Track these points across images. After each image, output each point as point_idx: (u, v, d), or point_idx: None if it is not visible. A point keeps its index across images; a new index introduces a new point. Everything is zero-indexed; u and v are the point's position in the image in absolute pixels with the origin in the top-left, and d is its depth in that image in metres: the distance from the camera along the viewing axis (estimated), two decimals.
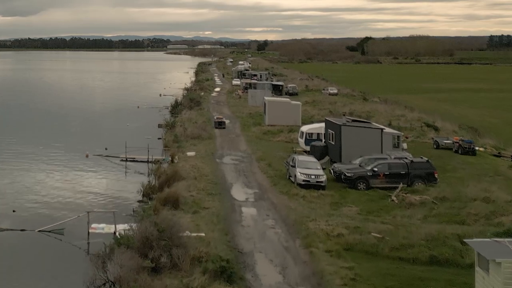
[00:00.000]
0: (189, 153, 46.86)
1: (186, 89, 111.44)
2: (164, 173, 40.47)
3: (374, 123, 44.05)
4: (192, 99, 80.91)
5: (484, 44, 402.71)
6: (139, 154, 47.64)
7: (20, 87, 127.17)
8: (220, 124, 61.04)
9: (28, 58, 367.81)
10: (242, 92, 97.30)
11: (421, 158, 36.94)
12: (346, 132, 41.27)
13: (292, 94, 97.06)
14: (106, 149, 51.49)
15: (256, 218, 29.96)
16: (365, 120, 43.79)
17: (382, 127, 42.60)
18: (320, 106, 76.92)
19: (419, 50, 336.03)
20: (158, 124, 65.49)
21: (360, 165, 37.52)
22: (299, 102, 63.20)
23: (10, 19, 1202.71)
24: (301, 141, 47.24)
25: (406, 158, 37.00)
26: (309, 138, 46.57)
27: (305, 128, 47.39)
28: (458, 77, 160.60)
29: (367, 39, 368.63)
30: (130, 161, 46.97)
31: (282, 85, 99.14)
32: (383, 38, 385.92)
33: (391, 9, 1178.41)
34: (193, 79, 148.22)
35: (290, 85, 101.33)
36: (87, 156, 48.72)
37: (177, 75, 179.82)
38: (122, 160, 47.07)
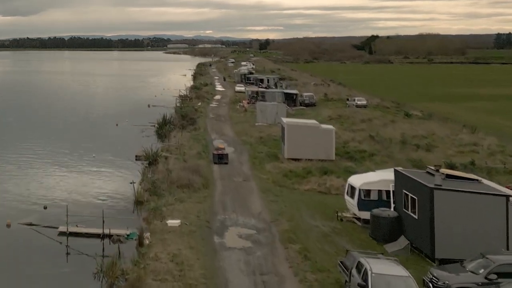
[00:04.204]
0: (171, 222, 29.01)
1: (181, 97, 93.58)
2: (122, 276, 22.89)
3: (484, 180, 25.86)
4: (184, 115, 62.90)
5: (490, 43, 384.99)
6: (91, 222, 29.75)
7: None
8: (220, 158, 43.15)
9: (22, 59, 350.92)
10: (248, 103, 79.32)
11: None
12: (443, 201, 23.39)
13: (308, 105, 79.30)
14: (45, 207, 33.73)
15: None
16: (470, 177, 25.79)
17: (503, 189, 24.51)
18: (352, 126, 58.87)
19: (430, 49, 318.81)
20: (136, 156, 47.61)
21: (487, 278, 19.70)
22: (331, 127, 45.05)
23: (11, 18, 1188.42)
24: (352, 202, 29.25)
25: None
26: (365, 199, 28.56)
27: (358, 181, 29.23)
28: (487, 79, 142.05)
29: (374, 37, 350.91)
30: (75, 235, 28.98)
31: (296, 94, 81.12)
32: (387, 37, 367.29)
33: (393, 7, 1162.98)
34: (191, 83, 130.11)
35: (306, 94, 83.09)
36: (8, 225, 30.73)
37: (173, 77, 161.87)
38: (61, 234, 29.10)
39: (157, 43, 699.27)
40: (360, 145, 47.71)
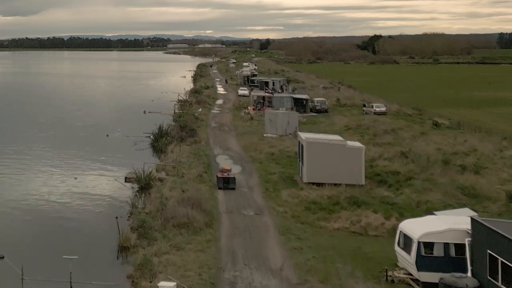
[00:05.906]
0: (164, 285, 21.54)
1: (180, 102, 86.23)
2: None
3: None
4: (183, 126, 55.46)
5: (491, 42, 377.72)
6: (58, 285, 22.30)
7: None
8: (226, 183, 35.74)
9: (20, 59, 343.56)
10: (254, 110, 71.90)
11: None
12: None
13: (320, 112, 71.98)
14: (1, 257, 26.27)
15: None
16: None
17: None
18: (375, 138, 51.35)
19: (436, 48, 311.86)
20: (125, 178, 40.19)
21: None
22: (359, 144, 37.56)
23: (11, 18, 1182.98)
24: (407, 258, 21.77)
25: None
26: (427, 255, 21.11)
27: (415, 230, 21.69)
28: (504, 81, 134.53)
29: (377, 37, 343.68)
30: None
31: (306, 100, 73.68)
32: (389, 36, 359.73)
33: (393, 7, 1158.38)
34: (191, 85, 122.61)
35: (317, 99, 75.57)
36: None
37: (172, 79, 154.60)
38: None
39: (157, 43, 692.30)
40: (390, 164, 40.19)
